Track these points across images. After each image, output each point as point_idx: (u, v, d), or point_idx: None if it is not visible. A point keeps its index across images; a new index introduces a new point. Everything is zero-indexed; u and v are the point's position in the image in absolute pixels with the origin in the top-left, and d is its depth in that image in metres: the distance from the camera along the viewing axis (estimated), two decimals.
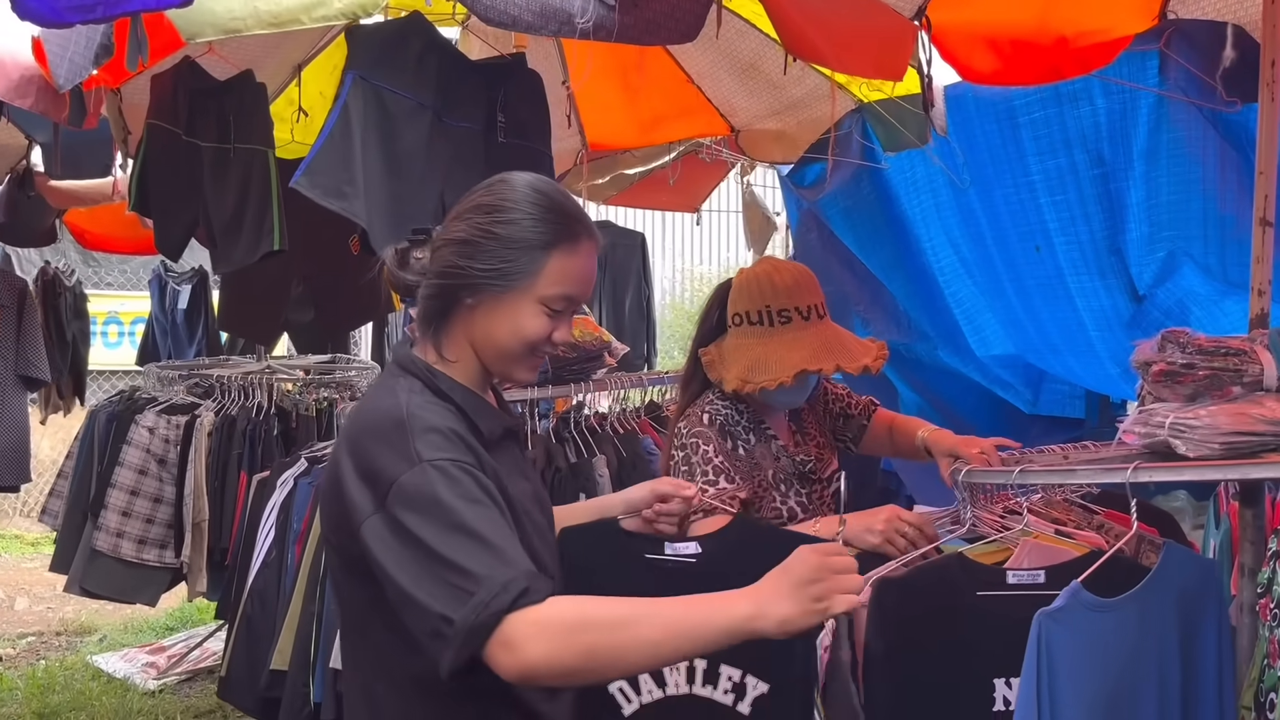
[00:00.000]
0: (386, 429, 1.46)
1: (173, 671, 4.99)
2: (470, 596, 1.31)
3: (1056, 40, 2.75)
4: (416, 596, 1.35)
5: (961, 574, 1.72)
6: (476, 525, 1.37)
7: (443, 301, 1.57)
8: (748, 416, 2.35)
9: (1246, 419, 1.60)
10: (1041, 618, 1.55)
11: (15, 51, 2.83)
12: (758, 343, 2.29)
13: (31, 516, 7.77)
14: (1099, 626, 1.58)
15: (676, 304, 11.74)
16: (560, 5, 2.10)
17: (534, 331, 1.56)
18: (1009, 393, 3.89)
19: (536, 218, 1.55)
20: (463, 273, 1.54)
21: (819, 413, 2.54)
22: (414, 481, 1.40)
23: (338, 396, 4.30)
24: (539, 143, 3.18)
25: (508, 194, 1.56)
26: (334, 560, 1.57)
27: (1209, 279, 2.86)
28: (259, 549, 3.14)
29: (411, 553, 1.37)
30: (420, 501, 1.39)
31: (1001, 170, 3.34)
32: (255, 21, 2.16)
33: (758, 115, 4.21)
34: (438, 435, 1.45)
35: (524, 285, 1.54)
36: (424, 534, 1.36)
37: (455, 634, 1.31)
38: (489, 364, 1.60)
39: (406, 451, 1.43)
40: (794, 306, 2.28)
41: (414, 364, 1.58)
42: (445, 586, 1.33)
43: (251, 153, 3.22)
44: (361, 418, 1.54)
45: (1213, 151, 2.82)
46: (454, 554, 1.34)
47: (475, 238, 1.54)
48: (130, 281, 9.06)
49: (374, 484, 1.43)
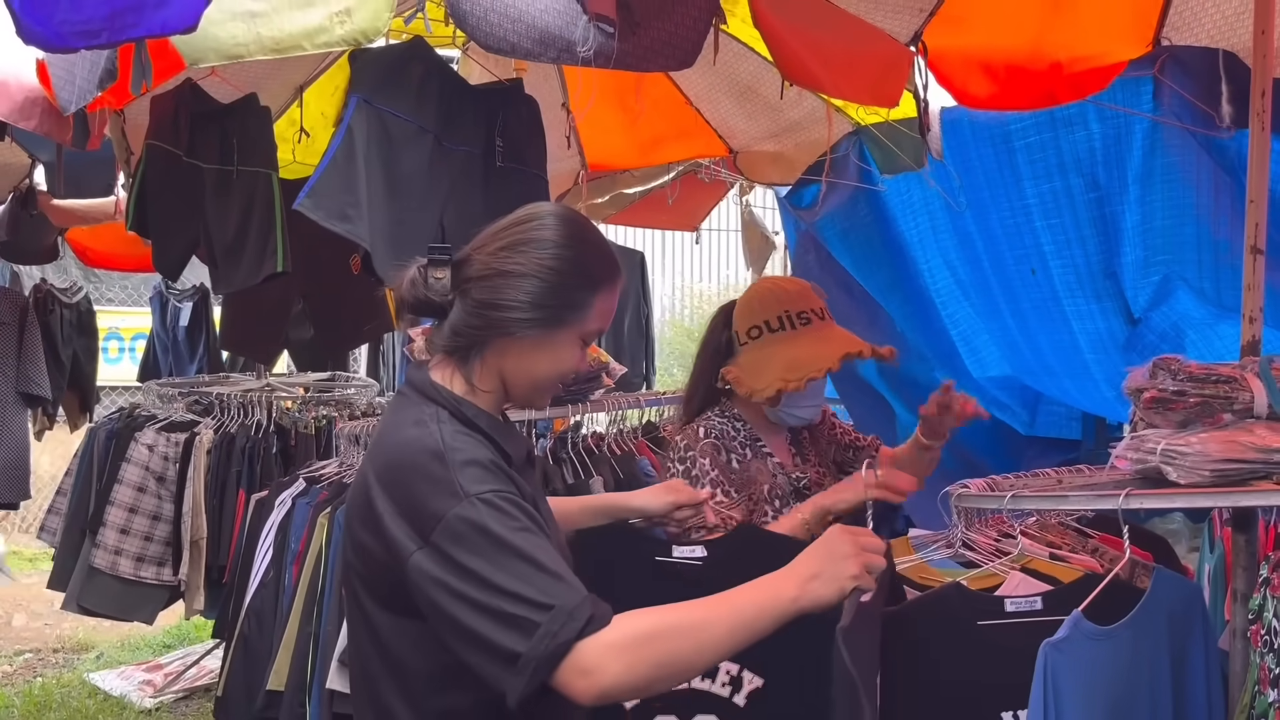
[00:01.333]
0: (424, 462, 1.46)
1: (169, 689, 4.98)
2: (537, 627, 1.33)
3: (1051, 66, 2.78)
4: (479, 630, 1.36)
5: (961, 604, 1.70)
6: (533, 554, 1.38)
7: (485, 332, 1.54)
8: (744, 434, 2.40)
9: (1237, 446, 1.61)
10: (1047, 649, 1.55)
11: (20, 73, 2.86)
12: (787, 345, 2.34)
13: (30, 532, 7.77)
14: (1097, 654, 1.58)
15: (676, 322, 11.76)
16: (559, 32, 2.13)
17: (571, 365, 1.59)
18: (1005, 414, 3.90)
19: (587, 256, 1.57)
20: (514, 306, 1.52)
21: (822, 444, 2.59)
22: (464, 515, 1.40)
23: (337, 414, 4.31)
24: (535, 167, 3.20)
25: (556, 231, 1.56)
26: (362, 592, 1.54)
27: (1203, 303, 2.87)
28: (256, 569, 3.15)
29: (469, 586, 1.37)
30: (472, 535, 1.39)
31: (997, 193, 3.37)
32: (258, 47, 2.18)
33: (756, 137, 4.24)
34: (478, 468, 1.45)
35: (574, 322, 1.56)
36: (480, 567, 1.37)
37: (525, 665, 1.33)
38: (517, 393, 1.60)
39: (450, 485, 1.42)
40: (809, 309, 2.38)
41: (437, 391, 1.56)
42: (508, 619, 1.34)
43: (255, 175, 3.24)
44: (393, 450, 1.51)
45: (1206, 177, 2.84)
46: (514, 585, 1.35)
47: (530, 273, 1.52)
48: (131, 298, 9.08)
49: (418, 519, 1.42)
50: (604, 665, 1.33)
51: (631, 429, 3.38)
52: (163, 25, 1.85)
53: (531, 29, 2.12)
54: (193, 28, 1.86)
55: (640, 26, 2.17)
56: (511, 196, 3.07)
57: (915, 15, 2.88)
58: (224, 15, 2.16)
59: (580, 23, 2.11)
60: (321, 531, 2.90)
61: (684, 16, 2.25)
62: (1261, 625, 1.63)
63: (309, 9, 2.18)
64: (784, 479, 2.38)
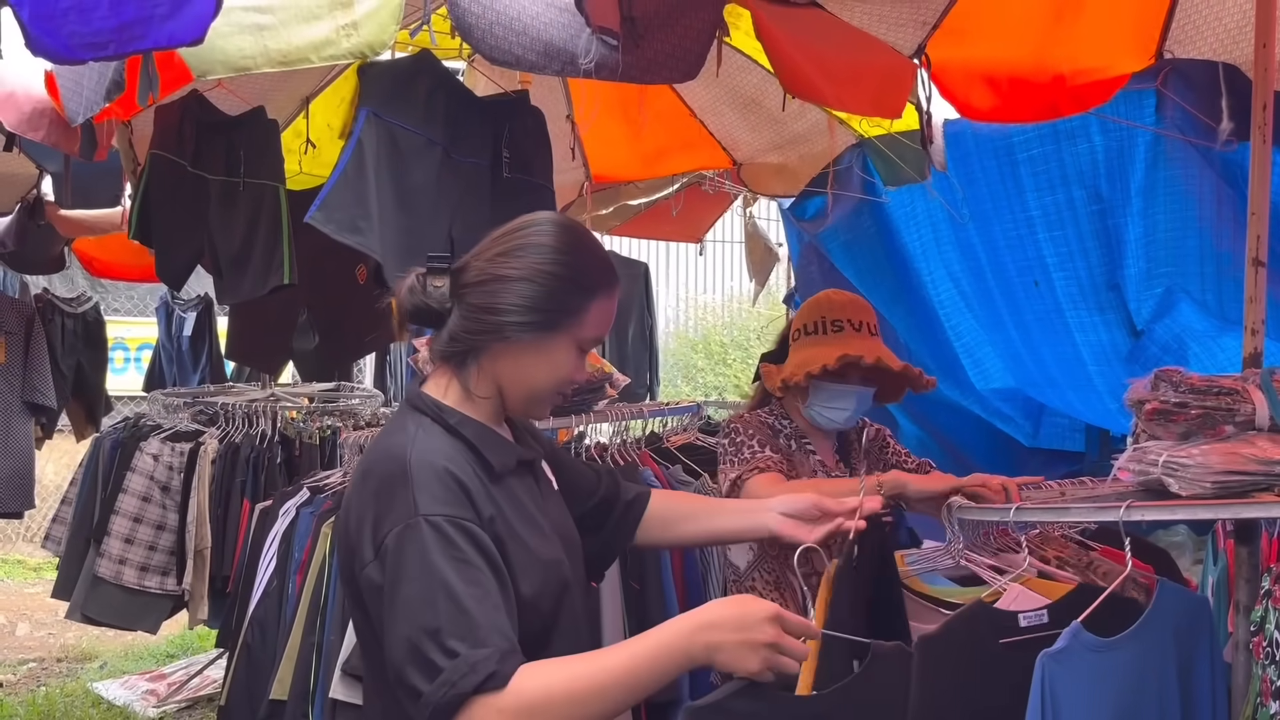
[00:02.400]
0: (389, 472, 1.47)
1: (172, 699, 4.98)
2: (440, 671, 1.33)
3: (1054, 78, 2.79)
4: (395, 657, 1.37)
5: (985, 623, 1.68)
6: (461, 591, 1.37)
7: (481, 337, 1.55)
8: (790, 429, 2.55)
9: (1238, 458, 1.62)
10: (1045, 659, 1.55)
11: (28, 84, 2.87)
12: (811, 345, 2.50)
13: (34, 541, 7.78)
14: (1100, 666, 1.58)
15: (680, 333, 11.77)
16: (563, 45, 2.14)
17: (569, 372, 1.58)
18: (1009, 426, 3.90)
19: (584, 261, 1.57)
20: (509, 310, 1.53)
21: (873, 459, 2.63)
22: (408, 536, 1.40)
23: (341, 425, 4.32)
24: (541, 177, 3.21)
25: (553, 236, 1.56)
26: (347, 592, 1.56)
27: (1206, 315, 2.88)
28: (260, 578, 3.14)
29: (397, 610, 1.38)
30: (410, 558, 1.39)
31: (1000, 206, 3.38)
32: (265, 60, 2.20)
33: (759, 149, 4.26)
34: (438, 485, 1.44)
35: (568, 327, 1.55)
36: (409, 594, 1.37)
37: (424, 706, 1.33)
38: (513, 401, 1.59)
39: (405, 502, 1.43)
40: (846, 319, 2.51)
41: (422, 400, 1.57)
42: (418, 655, 1.34)
43: (262, 187, 3.25)
44: (369, 458, 1.54)
45: (1209, 189, 2.85)
46: (433, 620, 1.35)
47: (525, 277, 1.53)
48: (137, 308, 9.10)
49: (373, 531, 1.44)
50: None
51: (635, 440, 3.38)
52: (170, 37, 1.87)
53: (536, 41, 2.13)
54: (200, 40, 1.87)
55: (644, 39, 2.18)
56: (518, 207, 3.05)
57: (918, 28, 2.90)
58: (231, 28, 2.17)
59: (584, 35, 2.12)
60: (325, 541, 2.90)
61: (688, 29, 2.26)
62: (1264, 637, 1.63)
63: (316, 22, 2.20)
64: (824, 476, 2.48)
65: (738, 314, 11.78)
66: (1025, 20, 2.81)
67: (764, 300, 7.75)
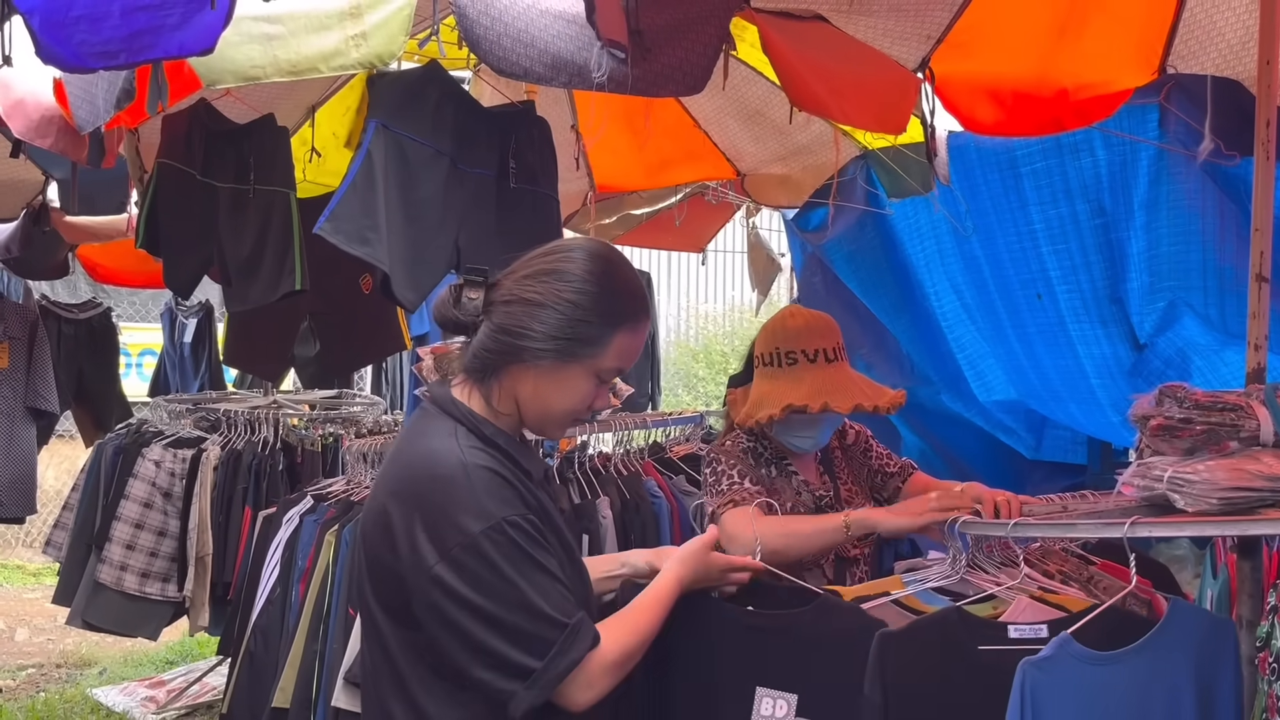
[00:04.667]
0: (446, 476, 1.50)
1: (172, 706, 4.97)
2: (551, 644, 1.45)
3: (1058, 92, 2.80)
4: (493, 646, 1.44)
5: (961, 628, 1.71)
6: (547, 572, 1.48)
7: (501, 356, 1.57)
8: (770, 452, 2.51)
9: (1244, 475, 1.62)
10: (1026, 666, 1.56)
11: (37, 92, 2.88)
12: (765, 382, 2.45)
13: (34, 546, 7.78)
14: (1094, 679, 1.58)
15: (681, 343, 11.78)
16: (571, 58, 2.15)
17: (585, 401, 1.61)
18: (1011, 438, 3.91)
19: (611, 293, 1.58)
20: (529, 335, 1.55)
21: (856, 464, 2.62)
22: (487, 535, 1.45)
23: (344, 432, 4.32)
24: (548, 188, 3.22)
25: (583, 265, 1.58)
26: (375, 606, 1.56)
27: (1209, 329, 2.88)
28: (263, 586, 3.15)
29: (489, 602, 1.44)
30: (492, 552, 1.45)
31: (1004, 218, 3.38)
32: (274, 69, 2.21)
33: (763, 160, 4.27)
34: (498, 485, 1.51)
35: (588, 357, 1.57)
36: (500, 585, 1.45)
37: (537, 679, 1.45)
38: (529, 421, 1.63)
39: (471, 502, 1.47)
40: (800, 349, 2.42)
41: (456, 407, 1.59)
42: (525, 635, 1.44)
43: (272, 194, 3.25)
44: (414, 463, 1.55)
45: (1212, 204, 2.86)
46: (533, 601, 1.45)
47: (549, 303, 1.55)
48: (139, 314, 9.11)
49: (440, 533, 1.46)
50: (602, 679, 1.51)
51: (638, 449, 3.39)
52: (180, 47, 1.88)
53: (544, 54, 2.14)
54: (210, 50, 1.89)
55: (652, 52, 2.19)
56: (525, 217, 3.09)
57: (923, 42, 2.91)
58: (241, 38, 2.19)
59: (593, 49, 2.13)
60: (328, 549, 2.91)
61: (695, 43, 2.27)
62: (1269, 653, 1.63)
63: (325, 32, 2.21)
64: (809, 496, 2.46)
65: (739, 324, 11.80)
66: (1029, 35, 2.82)
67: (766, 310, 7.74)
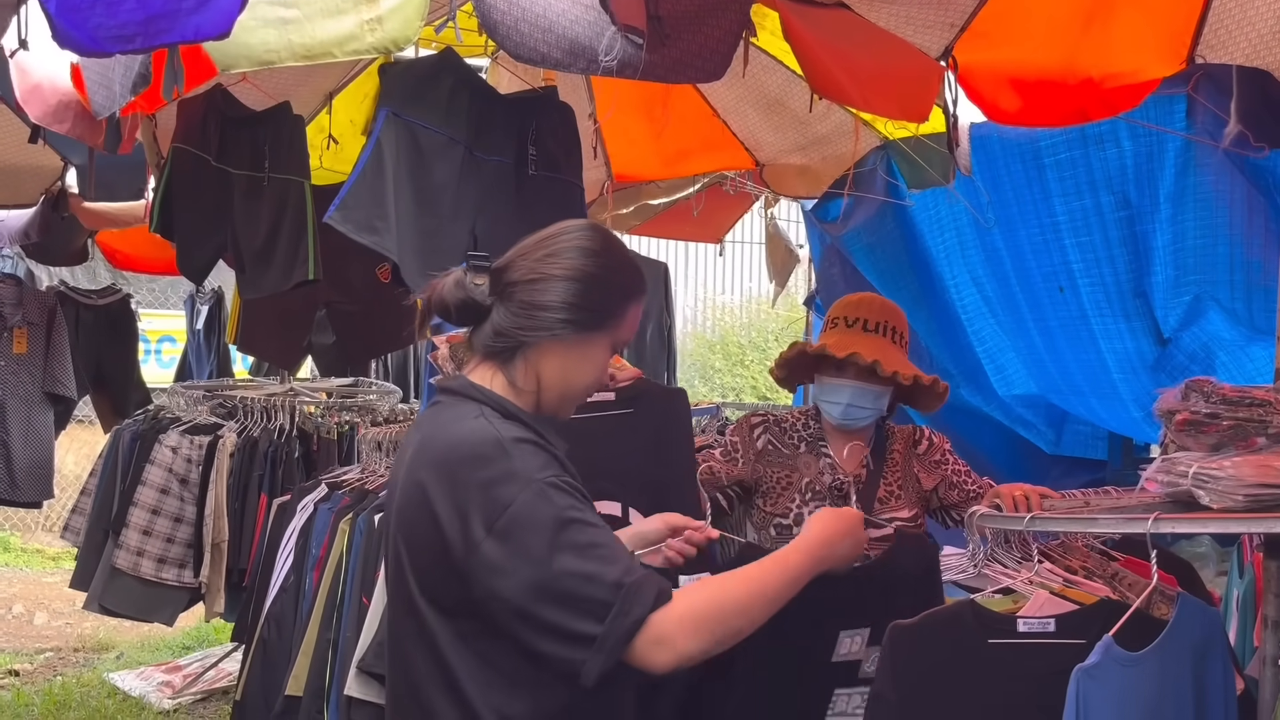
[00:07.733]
0: (484, 452, 1.49)
1: (188, 691, 5.00)
2: (610, 606, 1.40)
3: (1083, 82, 2.76)
4: (551, 616, 1.41)
5: (973, 621, 1.71)
6: (598, 535, 1.45)
7: (526, 333, 1.58)
8: (811, 430, 2.62)
9: (1271, 471, 1.59)
10: (1080, 675, 1.55)
11: (54, 77, 2.88)
12: (823, 336, 2.63)
13: (53, 531, 7.83)
14: (1126, 680, 1.57)
15: (698, 333, 11.75)
16: (589, 43, 2.13)
17: (603, 373, 1.65)
18: (1031, 432, 3.87)
19: (619, 265, 1.63)
20: (554, 307, 1.57)
21: (915, 467, 2.59)
22: (530, 501, 1.44)
23: (359, 420, 4.32)
24: (570, 175, 3.19)
25: (591, 241, 1.62)
26: (423, 602, 1.52)
27: (1235, 324, 2.84)
28: (277, 573, 3.15)
29: (539, 572, 1.42)
30: (538, 520, 1.44)
31: (1026, 210, 3.35)
32: (289, 54, 2.19)
33: (782, 150, 4.23)
34: (537, 453, 1.51)
35: (609, 327, 1.62)
36: (548, 551, 1.42)
37: (603, 643, 1.40)
38: (549, 400, 1.62)
39: (513, 472, 1.46)
40: (865, 318, 2.58)
41: (480, 391, 1.59)
42: (581, 601, 1.41)
43: (287, 183, 3.24)
44: (449, 445, 1.53)
45: (1240, 197, 2.82)
46: (584, 566, 1.42)
47: (570, 277, 1.58)
48: (158, 300, 9.14)
49: (482, 508, 1.45)
50: (679, 635, 1.43)
51: None
52: (196, 31, 1.87)
53: (562, 39, 2.12)
54: (226, 34, 1.87)
55: (670, 38, 2.17)
56: (546, 204, 3.06)
57: (946, 30, 2.87)
58: (256, 22, 2.17)
59: (609, 34, 2.11)
60: (343, 538, 2.90)
61: (714, 29, 2.25)
62: None
63: (340, 16, 2.19)
64: (829, 477, 2.52)
65: (756, 315, 11.75)
66: (1054, 23, 2.77)
67: (783, 302, 7.72)
